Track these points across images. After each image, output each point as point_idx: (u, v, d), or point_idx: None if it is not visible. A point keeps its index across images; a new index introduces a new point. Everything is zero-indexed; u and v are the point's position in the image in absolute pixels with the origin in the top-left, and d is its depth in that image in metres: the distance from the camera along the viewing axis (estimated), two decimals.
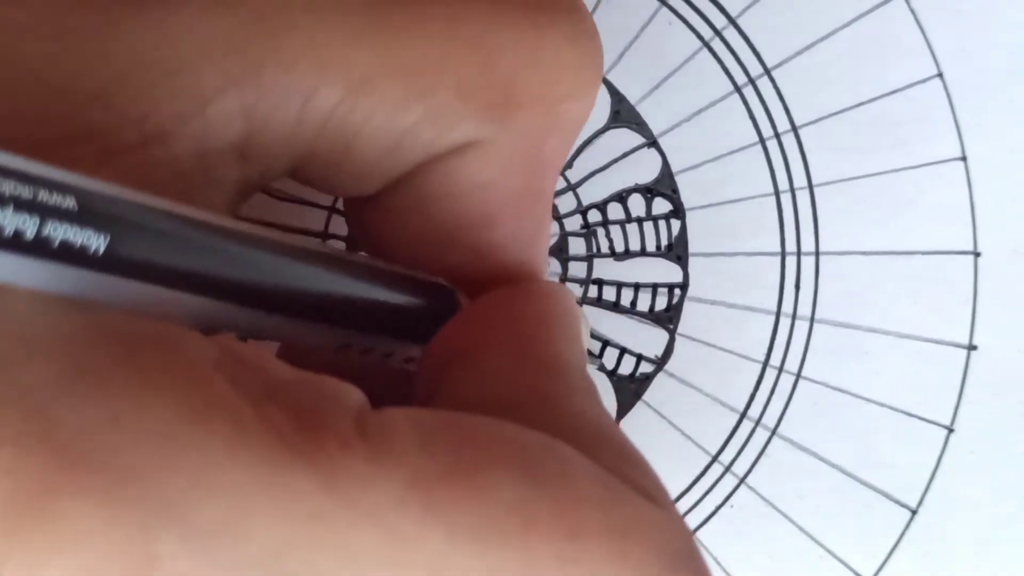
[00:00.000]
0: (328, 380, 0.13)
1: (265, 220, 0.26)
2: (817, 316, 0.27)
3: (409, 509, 0.12)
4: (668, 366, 0.27)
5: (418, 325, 0.16)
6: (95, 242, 0.11)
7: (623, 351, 0.27)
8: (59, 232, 0.11)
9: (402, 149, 0.15)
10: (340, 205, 0.26)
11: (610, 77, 0.27)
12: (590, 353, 0.26)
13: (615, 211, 0.27)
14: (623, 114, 0.27)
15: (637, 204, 0.27)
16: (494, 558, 0.12)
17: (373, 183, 0.16)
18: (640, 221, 0.27)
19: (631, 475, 0.14)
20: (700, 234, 0.27)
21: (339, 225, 0.26)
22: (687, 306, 0.27)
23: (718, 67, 0.27)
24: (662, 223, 0.27)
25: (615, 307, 0.27)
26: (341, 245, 0.26)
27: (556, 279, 0.27)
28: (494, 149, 0.15)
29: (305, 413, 0.12)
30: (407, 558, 0.11)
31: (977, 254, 0.27)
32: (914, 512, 0.26)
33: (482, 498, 0.12)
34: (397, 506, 0.11)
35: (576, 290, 0.27)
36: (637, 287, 0.27)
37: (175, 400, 0.11)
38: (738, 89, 0.27)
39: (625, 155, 0.27)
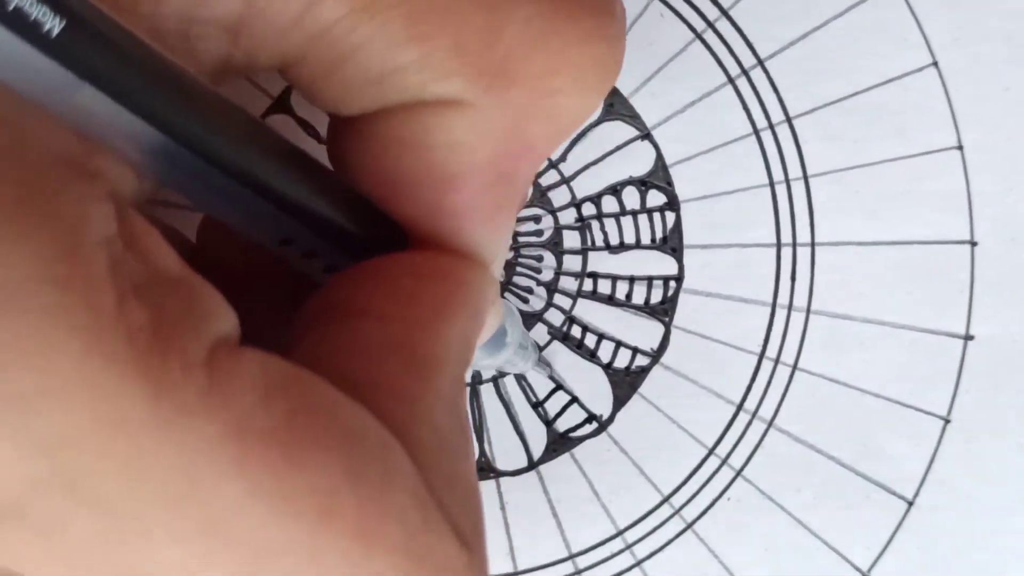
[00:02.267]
0: (210, 293, 0.12)
1: None
2: (813, 307, 0.27)
3: (218, 454, 0.11)
4: (664, 359, 0.27)
5: (362, 251, 0.16)
6: (50, 21, 0.11)
7: (619, 344, 0.27)
8: None
9: (387, 84, 0.15)
10: None
11: None
12: (543, 360, 0.26)
13: (609, 204, 0.27)
14: (616, 107, 0.27)
15: (631, 197, 0.27)
16: (280, 533, 0.12)
17: (351, 108, 0.16)
18: (635, 214, 0.27)
19: (453, 507, 0.14)
20: (695, 226, 0.27)
21: None
22: (682, 298, 0.27)
23: (711, 58, 0.27)
24: (657, 215, 0.27)
25: (610, 300, 0.27)
26: None
27: (551, 273, 0.27)
28: (475, 114, 0.15)
29: (165, 321, 0.11)
30: (195, 499, 0.11)
31: (974, 243, 0.27)
32: (911, 503, 0.26)
33: (293, 471, 0.12)
34: (208, 447, 0.11)
35: (571, 283, 0.27)
36: (632, 280, 0.27)
37: (34, 256, 0.11)
38: (731, 80, 0.27)
39: (619, 148, 0.27)
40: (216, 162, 0.13)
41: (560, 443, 0.27)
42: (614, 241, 0.27)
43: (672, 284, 0.27)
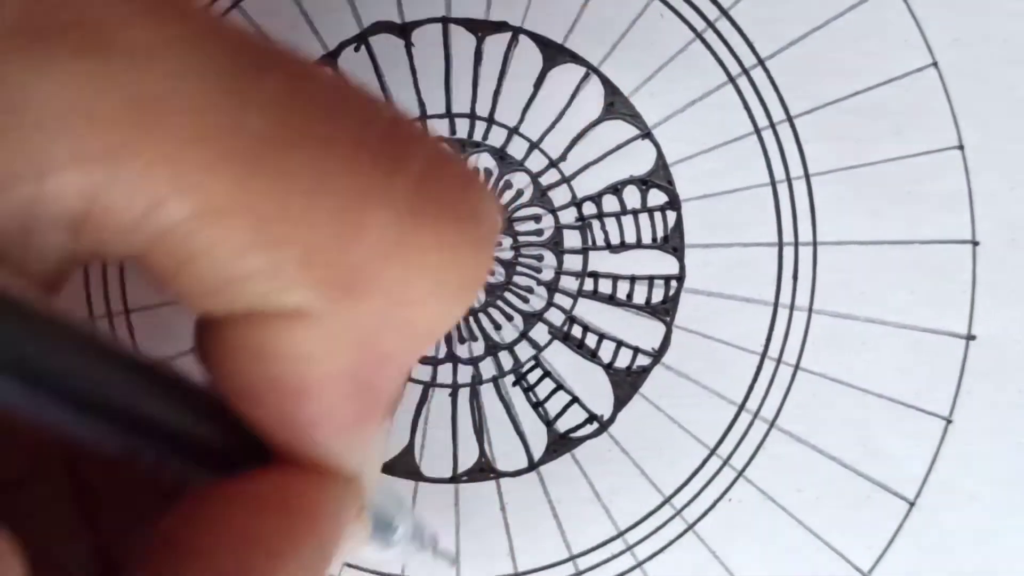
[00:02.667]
0: None
1: None
2: (815, 307, 0.26)
3: None
4: (665, 359, 0.26)
5: (210, 458, 0.16)
6: None
7: (620, 344, 0.26)
8: None
9: (231, 292, 0.14)
10: None
11: (603, 69, 0.27)
12: (441, 552, 0.25)
13: (610, 203, 0.27)
14: (617, 106, 0.26)
15: (632, 196, 0.27)
16: None
17: (201, 307, 0.15)
18: (635, 213, 0.26)
19: None
20: (696, 225, 0.26)
21: None
22: (684, 298, 0.26)
23: (712, 58, 0.27)
24: (657, 215, 0.26)
25: (611, 300, 0.27)
26: None
27: (551, 272, 0.27)
28: (324, 325, 0.14)
29: None
30: None
31: (975, 243, 0.26)
32: (912, 504, 0.26)
33: None
34: None
35: (572, 283, 0.27)
36: (633, 279, 0.26)
37: None
38: (732, 79, 0.27)
39: (620, 147, 0.27)
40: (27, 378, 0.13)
41: (561, 444, 0.26)
42: (615, 240, 0.27)
43: (673, 283, 0.26)
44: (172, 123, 0.13)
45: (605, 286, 0.27)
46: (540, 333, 0.27)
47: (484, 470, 0.26)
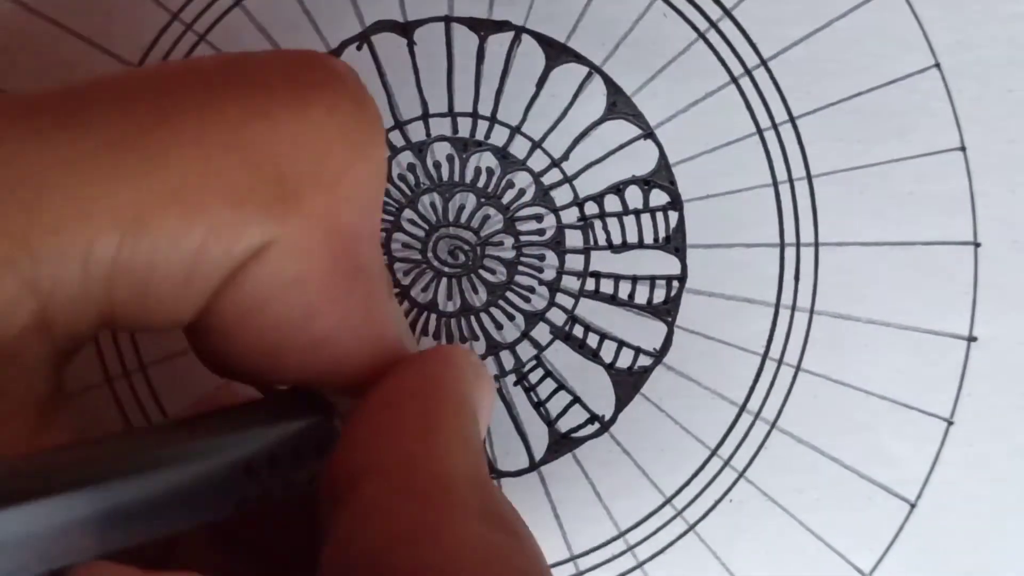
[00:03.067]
0: None
1: None
2: (816, 308, 0.26)
3: None
4: (667, 359, 0.26)
5: (299, 446, 0.16)
6: None
7: (621, 344, 0.26)
8: None
9: (199, 272, 0.15)
10: None
11: (606, 69, 0.26)
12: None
13: (612, 203, 0.27)
14: (619, 106, 0.26)
15: (634, 196, 0.27)
16: None
17: (185, 312, 0.15)
18: (637, 213, 0.26)
19: None
20: (698, 226, 0.26)
21: None
22: (685, 298, 0.26)
23: (714, 58, 0.27)
24: (659, 215, 0.26)
25: (613, 300, 0.26)
26: None
27: (553, 272, 0.26)
28: (288, 244, 0.15)
29: None
30: None
31: (977, 245, 0.26)
32: (913, 505, 0.26)
33: None
34: None
35: (574, 283, 0.26)
36: (635, 279, 0.26)
37: None
38: (735, 80, 0.27)
39: (622, 147, 0.27)
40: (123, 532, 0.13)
41: (562, 443, 0.26)
42: (617, 240, 0.26)
43: (675, 284, 0.26)
44: (50, 181, 0.13)
45: (607, 286, 0.27)
46: (542, 333, 0.27)
47: None
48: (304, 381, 0.17)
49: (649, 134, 0.26)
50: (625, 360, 0.26)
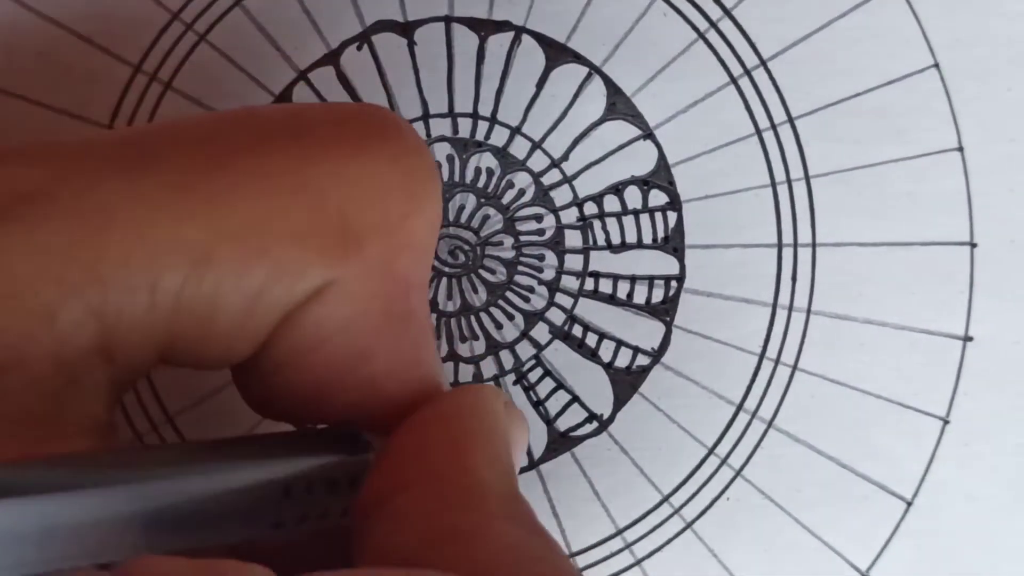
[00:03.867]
0: (226, 564, 0.13)
1: None
2: (813, 308, 0.27)
3: None
4: (665, 358, 0.27)
5: (335, 476, 0.16)
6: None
7: (620, 343, 0.27)
8: None
9: (259, 309, 0.15)
10: None
11: (606, 69, 0.27)
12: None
13: (611, 203, 0.27)
14: (619, 106, 0.27)
15: (633, 196, 0.27)
16: None
17: (242, 349, 0.16)
18: (636, 213, 0.27)
19: None
20: (696, 226, 0.27)
21: None
22: (683, 298, 0.27)
23: (714, 58, 0.27)
24: (658, 215, 0.27)
25: (611, 299, 0.27)
26: None
27: (552, 272, 0.27)
28: (347, 287, 0.15)
29: None
30: None
31: (974, 245, 0.27)
32: (909, 504, 0.26)
33: None
34: None
35: (573, 282, 0.27)
36: (633, 279, 0.27)
37: None
38: (734, 80, 0.27)
39: (621, 147, 0.27)
40: (164, 535, 0.14)
41: (560, 442, 0.27)
42: (616, 240, 0.27)
43: (673, 284, 0.27)
44: (119, 215, 0.14)
45: (606, 286, 0.27)
46: (541, 332, 0.27)
47: None
48: (346, 420, 0.17)
49: (648, 135, 0.27)
50: (623, 359, 0.27)
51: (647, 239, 0.27)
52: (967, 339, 0.27)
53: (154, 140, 0.15)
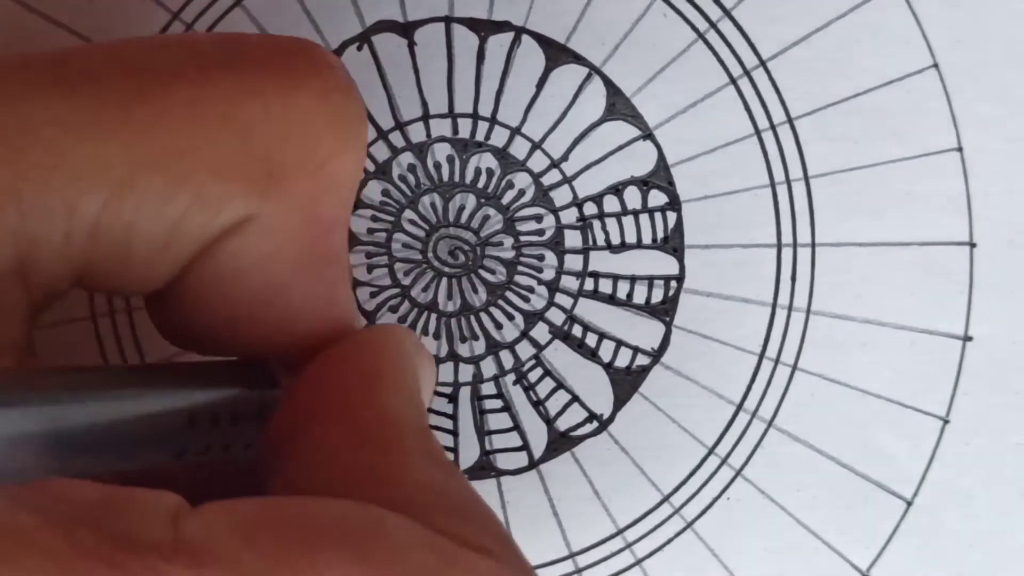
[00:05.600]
0: (136, 491, 0.13)
1: None
2: (813, 308, 0.27)
3: None
4: (665, 358, 0.27)
5: (241, 409, 0.16)
6: None
7: (619, 343, 0.27)
8: None
9: (178, 238, 0.15)
10: None
11: (605, 69, 0.27)
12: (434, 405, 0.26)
13: (611, 204, 0.27)
14: (618, 107, 0.27)
15: (633, 196, 0.27)
16: None
17: (159, 277, 0.16)
18: (636, 213, 0.27)
19: (466, 533, 0.14)
20: (696, 226, 0.27)
21: None
22: (683, 298, 0.27)
23: (713, 59, 0.27)
24: (658, 215, 0.27)
25: (611, 300, 0.27)
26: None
27: (552, 272, 0.27)
28: (267, 221, 0.16)
29: (117, 532, 0.12)
30: None
31: (973, 245, 0.27)
32: (910, 503, 0.27)
33: None
34: None
35: (572, 282, 0.27)
36: (633, 279, 0.27)
37: None
38: (733, 81, 0.27)
39: (620, 148, 0.27)
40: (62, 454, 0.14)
41: (561, 442, 0.27)
42: (615, 241, 0.27)
43: (673, 284, 0.27)
44: (41, 136, 0.14)
45: (605, 286, 0.27)
46: (541, 332, 0.27)
47: (485, 468, 0.27)
48: (259, 356, 0.17)
49: (648, 135, 0.27)
50: (623, 359, 0.27)
51: (647, 239, 0.27)
52: (967, 339, 0.27)
53: (89, 61, 0.15)
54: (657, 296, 0.27)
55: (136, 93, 0.14)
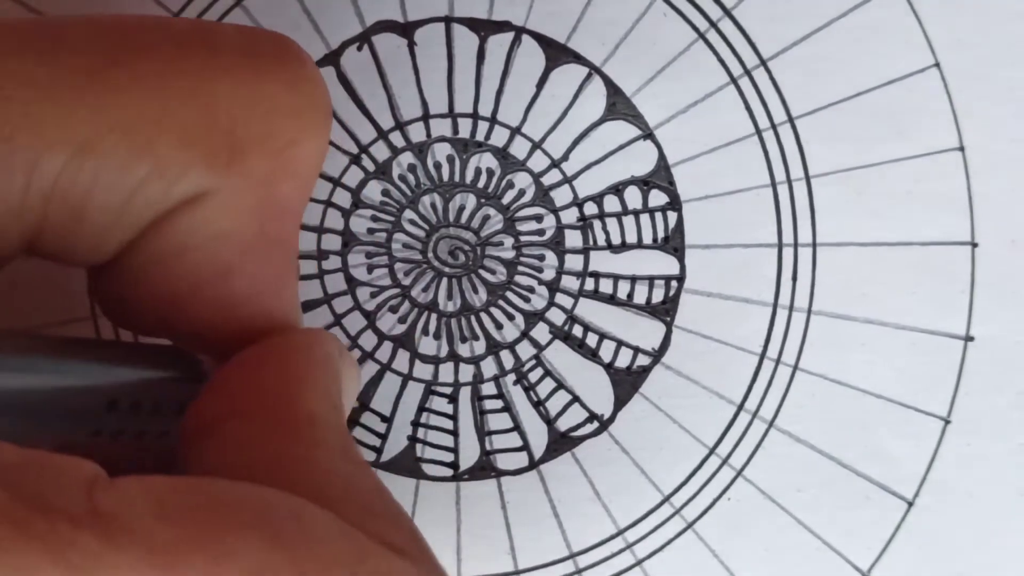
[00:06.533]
0: (55, 457, 0.13)
1: None
2: (814, 308, 0.27)
3: None
4: (665, 359, 0.27)
5: (164, 397, 0.16)
6: None
7: (620, 344, 0.27)
8: None
9: (133, 206, 0.15)
10: (336, 199, 0.26)
11: (605, 69, 0.27)
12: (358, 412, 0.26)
13: (611, 203, 0.27)
14: (619, 106, 0.27)
15: (633, 196, 0.27)
16: None
17: (111, 246, 0.16)
18: (636, 213, 0.27)
19: (377, 529, 0.14)
20: (697, 226, 0.27)
21: (334, 219, 0.26)
22: (684, 298, 0.27)
23: (714, 58, 0.27)
24: (658, 215, 0.27)
25: (612, 300, 0.27)
26: (336, 241, 0.26)
27: (553, 272, 0.27)
28: (224, 198, 0.16)
29: (30, 494, 0.12)
30: None
31: (975, 245, 0.27)
32: (911, 504, 0.26)
33: (222, 565, 0.12)
34: None
35: (573, 283, 0.27)
36: (634, 279, 0.27)
37: None
38: (734, 80, 0.27)
39: (621, 147, 0.27)
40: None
41: (561, 442, 0.27)
42: (616, 240, 0.27)
43: (674, 284, 0.27)
44: (10, 95, 0.14)
45: (606, 286, 0.27)
46: (541, 332, 0.27)
47: (485, 469, 0.26)
48: (196, 339, 0.17)
49: (648, 135, 0.27)
50: (624, 359, 0.27)
51: (647, 239, 0.27)
52: (968, 339, 0.27)
53: (65, 29, 0.15)
54: (658, 296, 0.27)
55: (109, 60, 0.15)
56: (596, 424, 0.27)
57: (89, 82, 0.14)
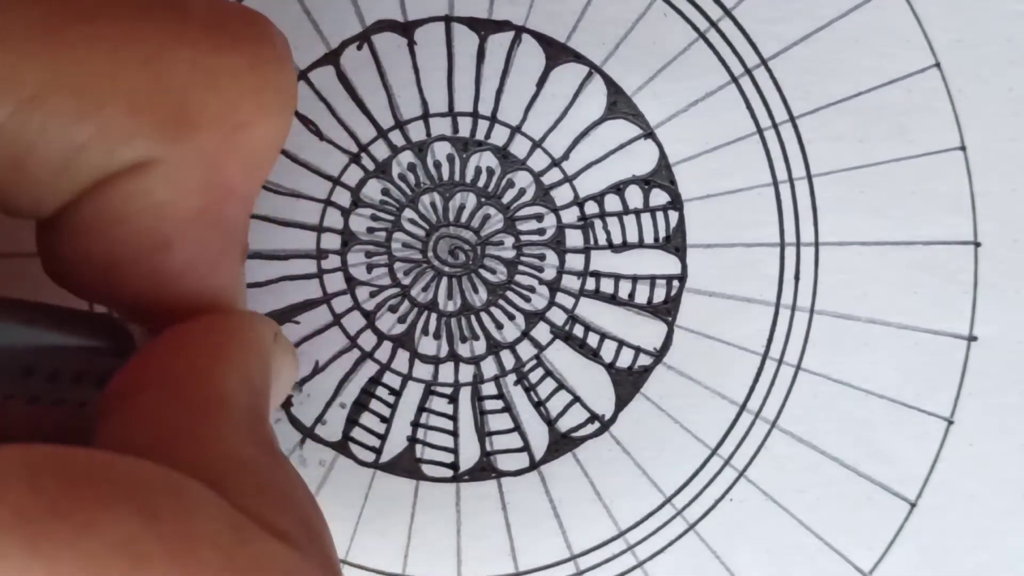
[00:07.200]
0: None
1: (259, 215, 0.26)
2: (816, 307, 0.26)
3: (9, 549, 0.11)
4: (667, 358, 0.26)
5: (87, 368, 0.16)
6: None
7: (621, 344, 0.26)
8: None
9: (76, 165, 0.15)
10: (336, 198, 0.26)
11: (606, 68, 0.26)
12: (293, 390, 0.26)
13: (612, 203, 0.27)
14: (620, 105, 0.26)
15: (634, 196, 0.27)
16: None
17: (50, 203, 0.16)
18: (637, 213, 0.26)
19: (266, 513, 0.14)
20: (698, 225, 0.26)
21: (334, 218, 0.26)
22: (685, 298, 0.26)
23: (714, 58, 0.27)
24: (660, 214, 0.26)
25: (613, 299, 0.27)
26: (336, 240, 0.26)
27: (553, 272, 0.27)
28: (168, 169, 0.15)
29: None
30: None
31: (977, 244, 0.26)
32: (913, 505, 0.26)
33: (86, 536, 0.12)
34: None
35: (574, 282, 0.27)
36: (635, 279, 0.26)
37: None
38: (735, 79, 0.27)
39: (622, 146, 0.27)
40: None
41: (562, 443, 0.26)
42: (617, 240, 0.27)
43: (675, 283, 0.26)
44: None
45: (607, 286, 0.27)
46: (542, 332, 0.27)
47: (485, 469, 0.26)
48: (131, 310, 0.17)
49: (649, 134, 0.26)
50: (625, 360, 0.26)
51: (648, 238, 0.27)
52: (971, 339, 0.26)
53: None
54: (659, 296, 0.26)
55: (67, 18, 0.14)
56: (597, 425, 0.26)
57: (44, 35, 0.14)
